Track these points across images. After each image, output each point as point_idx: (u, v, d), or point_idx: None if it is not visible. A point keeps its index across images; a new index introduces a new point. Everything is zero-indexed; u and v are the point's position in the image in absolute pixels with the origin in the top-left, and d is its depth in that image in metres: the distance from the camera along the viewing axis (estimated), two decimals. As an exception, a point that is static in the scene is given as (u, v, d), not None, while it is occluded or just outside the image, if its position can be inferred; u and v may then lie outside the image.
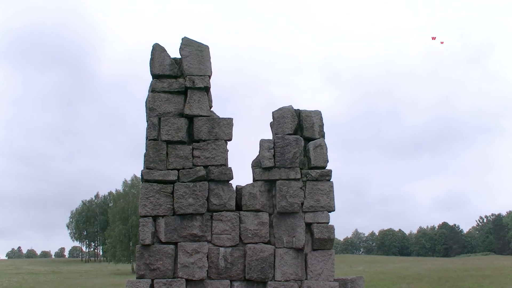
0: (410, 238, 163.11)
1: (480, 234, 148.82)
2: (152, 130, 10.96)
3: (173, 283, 10.39)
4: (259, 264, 10.58)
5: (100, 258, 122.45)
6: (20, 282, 54.02)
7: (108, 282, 55.01)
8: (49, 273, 75.13)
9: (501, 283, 40.46)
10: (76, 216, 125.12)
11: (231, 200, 10.89)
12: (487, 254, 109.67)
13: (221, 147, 10.96)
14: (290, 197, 10.75)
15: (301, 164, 11.05)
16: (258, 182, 11.01)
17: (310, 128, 11.25)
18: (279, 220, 10.88)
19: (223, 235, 10.73)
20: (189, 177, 10.74)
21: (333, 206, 10.94)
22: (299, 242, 10.75)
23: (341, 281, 10.95)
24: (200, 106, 11.06)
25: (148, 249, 10.58)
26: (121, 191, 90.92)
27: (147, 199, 10.66)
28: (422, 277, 47.22)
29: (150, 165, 10.81)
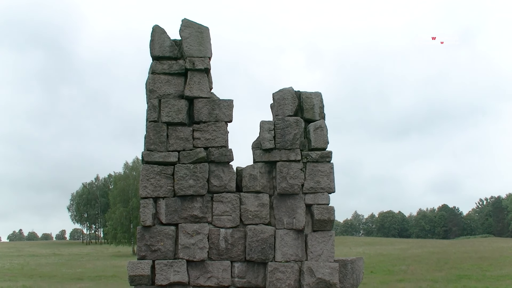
0: (409, 220, 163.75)
1: (479, 217, 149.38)
2: (152, 111, 10.96)
3: (174, 264, 10.46)
4: (259, 245, 10.64)
5: (101, 240, 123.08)
6: (21, 264, 54.33)
7: (109, 264, 55.32)
8: (50, 255, 75.52)
9: (500, 265, 40.65)
10: (76, 198, 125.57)
11: (232, 181, 10.92)
12: (487, 236, 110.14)
13: (221, 129, 10.96)
14: (290, 179, 10.77)
15: (301, 145, 11.06)
16: (259, 163, 11.03)
17: (311, 109, 11.24)
18: (279, 201, 10.92)
19: (223, 216, 10.78)
20: (189, 159, 10.76)
21: (333, 187, 10.97)
22: (299, 223, 10.79)
23: (341, 262, 11.01)
24: (200, 88, 11.05)
25: (149, 230, 10.63)
26: (122, 173, 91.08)
27: (148, 180, 10.69)
28: (422, 259, 47.44)
29: (151, 147, 10.82)
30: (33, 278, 39.93)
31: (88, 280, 39.67)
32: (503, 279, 33.86)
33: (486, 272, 37.56)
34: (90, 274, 43.78)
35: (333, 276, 10.64)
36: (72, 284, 36.55)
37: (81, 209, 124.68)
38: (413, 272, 39.16)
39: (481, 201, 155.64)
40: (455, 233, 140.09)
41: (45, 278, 40.10)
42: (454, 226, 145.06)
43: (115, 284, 36.41)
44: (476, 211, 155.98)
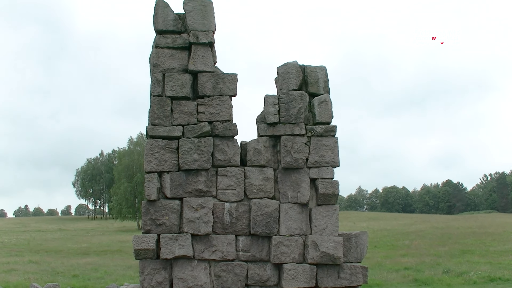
0: (413, 196, 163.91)
1: (483, 192, 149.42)
2: (157, 86, 10.92)
3: (179, 237, 10.50)
4: (264, 219, 10.67)
5: (106, 216, 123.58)
6: (28, 239, 54.72)
7: (115, 238, 55.67)
8: (56, 230, 76.02)
9: (504, 240, 40.74)
10: (81, 174, 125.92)
11: (236, 155, 10.92)
12: (490, 212, 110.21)
13: (225, 103, 10.93)
14: (294, 153, 10.76)
15: (306, 119, 11.03)
16: (263, 137, 11.01)
17: (315, 83, 11.19)
18: (283, 175, 10.92)
19: (228, 190, 10.80)
20: (194, 133, 10.75)
21: (337, 161, 10.96)
22: (304, 197, 10.81)
23: (345, 236, 11.04)
24: (204, 62, 10.99)
25: (154, 204, 10.66)
26: (126, 149, 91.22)
27: (152, 155, 10.69)
28: (425, 234, 47.59)
29: (155, 121, 10.81)
30: (39, 253, 40.24)
31: (94, 255, 39.96)
32: (506, 254, 33.95)
33: (490, 247, 37.67)
34: (96, 249, 44.10)
35: (337, 250, 10.68)
36: (78, 258, 36.82)
37: (86, 185, 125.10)
38: (417, 247, 39.31)
39: (485, 176, 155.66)
40: (459, 209, 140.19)
41: (51, 253, 40.41)
42: (458, 202, 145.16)
43: (121, 259, 36.66)
44: (480, 187, 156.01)
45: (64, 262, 34.30)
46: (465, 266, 29.91)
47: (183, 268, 10.59)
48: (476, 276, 26.87)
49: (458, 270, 28.75)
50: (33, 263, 33.38)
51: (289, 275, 10.58)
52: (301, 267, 10.67)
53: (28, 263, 33.32)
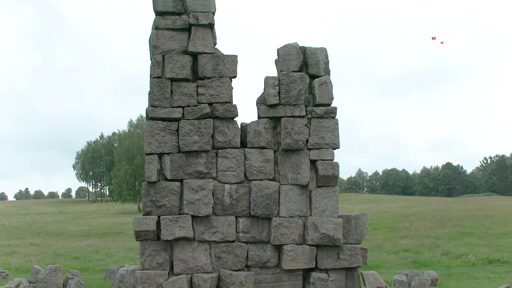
0: (413, 178, 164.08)
1: (483, 175, 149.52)
2: (156, 67, 10.88)
3: (179, 219, 10.53)
4: (264, 200, 10.69)
5: (107, 198, 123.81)
6: (29, 222, 54.89)
7: (115, 221, 55.81)
8: (56, 213, 76.23)
9: (503, 223, 40.88)
10: (82, 157, 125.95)
11: (236, 137, 10.91)
12: (490, 195, 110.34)
13: (225, 85, 10.90)
14: (295, 134, 10.76)
15: (306, 101, 11.01)
16: (263, 119, 11.00)
17: (315, 65, 11.16)
18: (283, 157, 10.92)
19: (228, 172, 10.81)
20: (194, 115, 10.73)
21: (337, 143, 10.96)
22: (304, 179, 10.82)
23: (345, 217, 11.07)
24: (204, 43, 10.95)
25: (154, 186, 10.67)
26: (126, 131, 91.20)
27: (152, 136, 10.68)
28: (425, 216, 47.71)
29: (155, 103, 10.78)
30: (40, 236, 40.42)
31: (94, 237, 40.13)
32: (505, 237, 34.10)
33: (489, 229, 37.83)
34: (97, 231, 44.27)
35: (337, 231, 10.72)
36: (79, 241, 36.98)
37: (86, 167, 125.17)
38: (416, 229, 39.47)
39: (485, 159, 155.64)
40: (458, 191, 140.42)
41: (52, 236, 40.59)
42: (457, 184, 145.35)
43: (121, 241, 36.81)
44: (480, 170, 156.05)
45: (65, 244, 34.48)
46: (464, 248, 30.06)
47: (184, 250, 10.63)
48: (475, 258, 27.00)
49: (457, 252, 28.90)
50: (34, 246, 33.54)
51: (289, 256, 10.63)
52: (301, 248, 10.71)
53: (29, 246, 33.48)
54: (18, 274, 21.51)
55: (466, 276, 21.41)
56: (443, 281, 19.51)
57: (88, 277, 21.48)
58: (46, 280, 17.32)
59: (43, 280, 17.31)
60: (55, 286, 17.33)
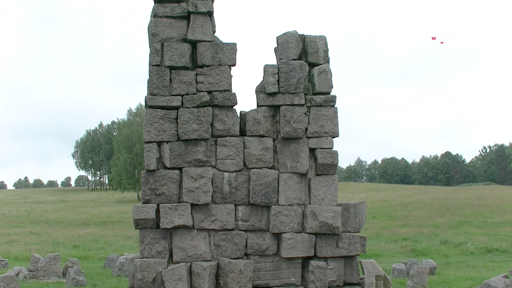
0: (412, 167, 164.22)
1: (482, 164, 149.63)
2: (155, 55, 10.85)
3: (178, 207, 10.54)
4: (263, 188, 10.70)
5: (106, 187, 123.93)
6: (28, 211, 54.99)
7: (115, 209, 55.95)
8: (56, 202, 76.39)
9: (501, 212, 40.99)
10: (81, 145, 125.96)
11: (235, 125, 10.90)
12: (489, 184, 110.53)
13: (225, 73, 10.87)
14: (294, 123, 10.75)
15: (305, 89, 10.99)
16: (262, 107, 10.98)
17: (315, 53, 11.13)
18: (283, 145, 10.92)
19: (227, 160, 10.80)
20: (193, 103, 10.71)
21: (337, 131, 10.95)
22: (303, 167, 10.82)
23: (344, 205, 11.09)
24: (203, 31, 10.90)
25: (153, 174, 10.67)
26: (125, 120, 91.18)
27: (151, 125, 10.67)
28: (424, 205, 47.84)
29: (154, 91, 10.76)
30: (40, 224, 40.53)
31: (94, 225, 40.26)
32: (503, 226, 34.22)
33: (487, 218, 37.94)
34: (96, 219, 44.40)
35: (336, 220, 10.74)
36: (78, 229, 37.08)
37: (85, 156, 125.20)
38: (415, 218, 39.59)
39: (484, 148, 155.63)
40: (457, 180, 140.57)
41: (52, 224, 40.70)
42: (456, 173, 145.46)
43: (121, 229, 36.93)
44: (479, 159, 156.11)
45: (64, 233, 34.57)
46: (463, 237, 30.17)
47: (183, 238, 10.65)
48: (473, 247, 27.10)
49: (455, 241, 29.00)
50: (33, 234, 33.64)
51: (288, 244, 10.65)
52: (300, 236, 10.73)
53: (29, 234, 33.58)
54: (18, 263, 21.58)
55: (465, 265, 21.50)
56: (442, 269, 19.59)
57: (87, 265, 21.56)
58: (46, 268, 17.37)
59: (43, 268, 17.36)
60: (55, 274, 17.38)
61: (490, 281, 14.50)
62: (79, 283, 15.61)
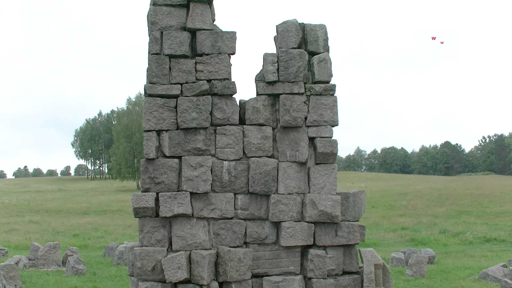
0: (412, 157, 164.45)
1: (481, 154, 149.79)
2: (154, 44, 10.80)
3: (177, 196, 10.53)
4: (262, 177, 10.69)
5: (106, 176, 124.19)
6: (28, 200, 55.09)
7: (114, 198, 56.05)
8: (56, 191, 76.52)
9: (500, 202, 41.11)
10: (80, 134, 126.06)
11: (235, 114, 10.87)
12: (488, 174, 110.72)
13: (224, 61, 10.83)
14: (293, 111, 10.73)
15: (305, 78, 10.96)
16: (262, 96, 10.95)
17: (315, 42, 11.08)
18: (282, 134, 10.90)
19: (226, 149, 10.79)
20: (192, 91, 10.68)
21: (336, 120, 10.93)
22: (302, 156, 10.81)
23: (343, 194, 11.09)
24: (203, 20, 10.85)
25: (153, 163, 10.66)
26: (125, 109, 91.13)
27: (151, 113, 10.64)
28: (423, 194, 47.96)
29: (153, 80, 10.72)
30: (39, 213, 40.60)
31: (93, 214, 40.32)
32: (502, 216, 34.34)
33: (486, 208, 38.06)
34: (96, 208, 44.47)
35: (335, 209, 10.74)
36: (78, 218, 37.15)
37: (85, 145, 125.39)
38: (414, 207, 39.68)
39: (484, 138, 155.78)
40: (456, 170, 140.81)
41: (51, 213, 40.77)
42: (456, 163, 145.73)
43: (120, 218, 37.00)
44: (479, 149, 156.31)
45: (64, 222, 34.65)
46: (462, 227, 30.28)
47: (182, 226, 10.65)
48: (472, 237, 27.21)
49: (454, 230, 29.11)
50: (33, 223, 33.73)
51: (287, 233, 10.66)
52: (299, 225, 10.74)
53: (28, 223, 33.67)
54: (18, 251, 21.65)
55: (463, 254, 21.60)
56: (440, 259, 19.68)
57: (87, 254, 21.63)
58: (46, 257, 17.43)
59: (43, 257, 17.42)
60: (55, 263, 17.45)
61: (489, 270, 14.58)
62: (78, 271, 15.67)
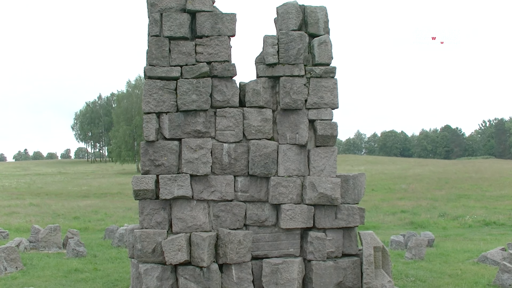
0: (412, 140, 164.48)
1: (481, 138, 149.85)
2: (154, 26, 10.75)
3: (177, 178, 10.54)
4: (262, 159, 10.69)
5: (106, 159, 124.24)
6: (28, 183, 55.18)
7: (114, 181, 56.13)
8: (56, 174, 76.63)
9: (500, 186, 41.17)
10: (80, 117, 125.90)
11: (235, 96, 10.85)
12: (488, 158, 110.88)
13: (224, 43, 10.78)
14: (293, 94, 10.70)
15: (305, 60, 10.92)
16: (262, 78, 10.91)
17: (315, 24, 11.03)
18: (282, 116, 10.89)
19: (226, 131, 10.78)
20: (192, 74, 10.65)
21: (336, 103, 10.91)
22: (302, 138, 10.80)
23: (343, 177, 11.09)
24: (203, 1, 10.77)
25: (153, 145, 10.65)
26: (124, 92, 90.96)
27: (151, 95, 10.62)
28: (422, 178, 48.02)
29: (153, 62, 10.69)
30: (40, 196, 40.67)
31: (94, 197, 40.40)
32: (502, 200, 34.42)
33: (486, 192, 38.12)
34: (96, 191, 44.56)
35: (335, 191, 10.75)
36: (78, 201, 37.22)
37: (85, 128, 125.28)
38: (414, 190, 39.76)
39: (484, 122, 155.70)
40: (456, 154, 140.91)
41: (51, 196, 40.85)
42: (456, 147, 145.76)
43: (120, 201, 37.08)
44: (479, 133, 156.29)
45: (64, 204, 34.72)
46: (461, 210, 30.35)
47: (182, 208, 10.67)
48: (471, 220, 27.27)
49: (454, 214, 29.18)
50: (34, 206, 33.81)
51: (287, 215, 10.69)
52: (299, 207, 10.76)
53: (29, 206, 33.74)
54: (18, 234, 21.73)
55: (463, 238, 21.67)
56: (440, 242, 19.74)
57: (87, 236, 21.71)
58: (46, 239, 17.49)
59: (43, 239, 17.48)
60: (55, 245, 17.51)
61: (488, 254, 14.63)
62: (79, 253, 15.73)
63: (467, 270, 13.41)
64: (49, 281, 12.25)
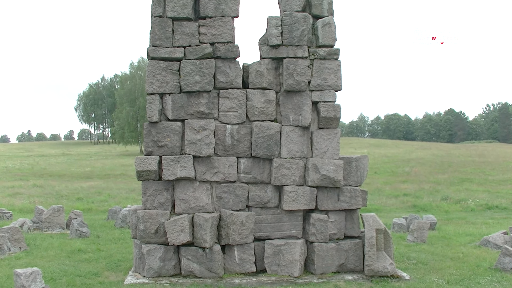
0: (415, 123, 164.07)
1: (485, 122, 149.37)
2: (157, 6, 10.69)
3: (180, 159, 10.55)
4: (265, 141, 10.68)
5: (109, 140, 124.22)
6: (31, 164, 55.20)
7: (117, 162, 56.17)
8: (59, 155, 76.63)
9: (503, 170, 41.10)
10: (83, 99, 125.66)
11: (238, 77, 10.81)
12: (491, 142, 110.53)
13: (227, 24, 10.73)
14: (297, 75, 10.66)
15: (309, 42, 10.86)
16: (265, 60, 10.87)
17: (319, 5, 10.95)
18: (285, 98, 10.85)
19: (229, 112, 10.76)
20: (195, 55, 10.61)
21: (340, 85, 10.87)
22: (305, 120, 10.78)
23: (345, 159, 11.09)
24: (206, -18, 10.72)
25: (156, 126, 10.65)
26: (128, 73, 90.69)
27: (154, 76, 10.60)
28: (425, 161, 47.94)
29: (156, 43, 10.65)
30: (43, 177, 40.73)
31: (97, 178, 40.44)
32: (504, 183, 34.38)
33: (489, 176, 38.08)
34: (99, 172, 44.61)
35: (338, 173, 10.75)
36: (81, 182, 37.29)
37: (88, 110, 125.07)
38: (417, 174, 39.72)
39: (488, 106, 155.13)
40: (460, 138, 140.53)
41: (55, 177, 40.90)
42: (459, 131, 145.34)
43: (124, 182, 37.15)
44: (482, 116, 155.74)
45: (68, 185, 34.78)
46: (464, 194, 30.34)
47: (185, 189, 10.69)
48: (474, 204, 27.29)
49: (456, 197, 29.19)
50: (37, 187, 33.87)
51: (290, 197, 10.70)
52: (301, 189, 10.78)
53: (32, 187, 33.81)
54: (22, 215, 21.82)
55: (465, 221, 21.69)
56: (442, 225, 19.77)
57: (90, 217, 21.79)
58: (50, 220, 17.56)
59: (47, 220, 17.55)
60: (59, 226, 17.58)
61: (490, 237, 14.65)
62: (82, 234, 15.79)
63: (469, 253, 13.43)
64: (53, 261, 12.31)
